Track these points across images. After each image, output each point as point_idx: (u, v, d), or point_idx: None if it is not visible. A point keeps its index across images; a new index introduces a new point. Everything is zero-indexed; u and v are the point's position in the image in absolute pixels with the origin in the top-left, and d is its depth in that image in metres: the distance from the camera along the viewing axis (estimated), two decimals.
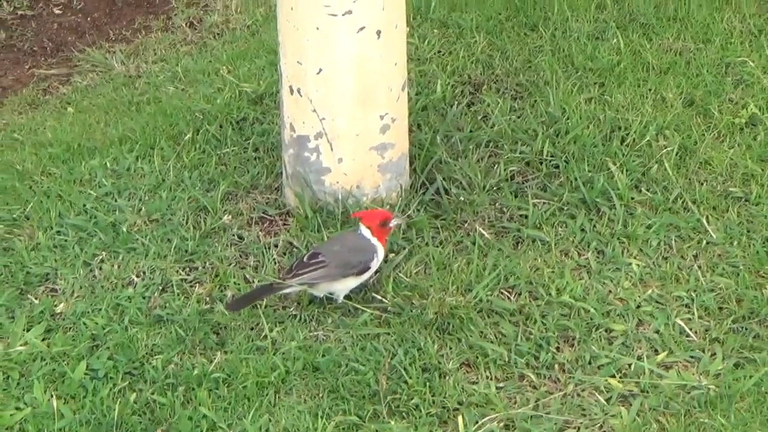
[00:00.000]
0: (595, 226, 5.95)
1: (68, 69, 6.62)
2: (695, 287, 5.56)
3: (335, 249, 5.63)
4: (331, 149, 5.52)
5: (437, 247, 5.90)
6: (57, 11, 7.16)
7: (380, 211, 5.70)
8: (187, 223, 5.82)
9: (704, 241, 5.92)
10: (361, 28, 5.44)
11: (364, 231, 5.62)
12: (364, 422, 5.18)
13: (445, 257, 5.81)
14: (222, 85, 6.50)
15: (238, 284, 5.82)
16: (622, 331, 5.49)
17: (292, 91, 5.59)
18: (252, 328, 5.68)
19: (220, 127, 6.10)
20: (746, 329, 5.36)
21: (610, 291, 5.55)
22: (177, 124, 6.19)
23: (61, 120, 6.44)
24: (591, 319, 5.61)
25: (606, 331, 5.50)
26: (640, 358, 5.33)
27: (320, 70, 5.49)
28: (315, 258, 5.57)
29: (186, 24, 7.01)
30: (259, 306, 5.73)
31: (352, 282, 5.59)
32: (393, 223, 5.69)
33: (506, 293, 5.61)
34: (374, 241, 5.61)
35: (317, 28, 5.57)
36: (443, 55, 6.24)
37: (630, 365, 5.36)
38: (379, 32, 5.46)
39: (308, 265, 5.56)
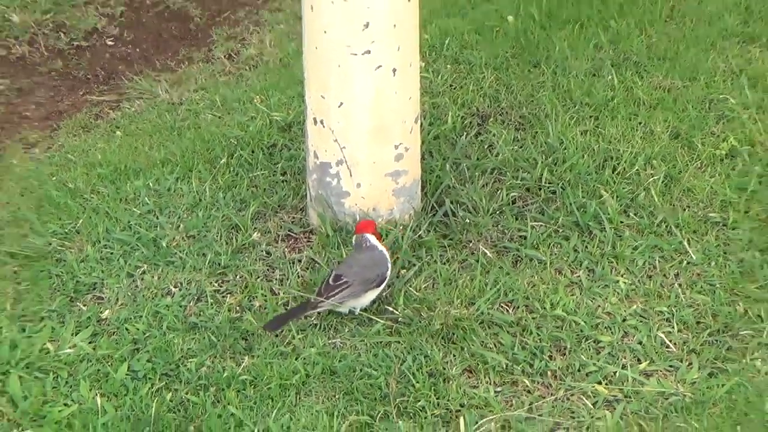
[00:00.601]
0: (586, 246, 5.99)
1: (118, 96, 6.70)
2: (675, 303, 5.62)
3: (355, 270, 5.65)
4: (351, 175, 5.60)
5: (444, 264, 5.95)
6: (109, 42, 7.24)
7: (369, 221, 5.90)
8: (220, 239, 5.90)
9: (685, 262, 5.97)
10: (379, 67, 5.50)
11: (372, 239, 5.76)
12: (375, 422, 5.24)
13: (451, 273, 5.86)
14: (255, 114, 6.57)
15: (265, 295, 5.88)
16: (608, 342, 5.53)
17: (315, 122, 5.65)
18: (276, 335, 5.69)
19: (252, 152, 6.16)
20: (720, 342, 5.43)
21: (599, 306, 5.61)
22: (213, 148, 6.25)
23: (110, 143, 6.52)
24: (581, 330, 5.68)
25: (594, 341, 5.58)
26: (624, 366, 5.38)
27: (341, 103, 5.56)
28: (339, 280, 5.61)
29: (225, 56, 7.08)
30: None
31: (373, 294, 5.69)
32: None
33: (505, 307, 5.70)
34: (381, 247, 5.75)
35: (339, 66, 5.61)
36: (454, 88, 6.31)
37: (615, 373, 5.41)
38: (394, 70, 5.52)
39: (335, 287, 5.62)
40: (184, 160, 6.23)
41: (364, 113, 5.67)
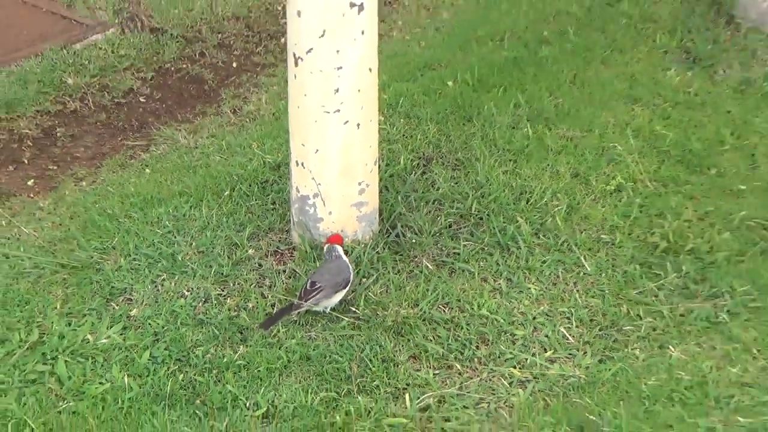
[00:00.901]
0: (506, 261, 6.03)
1: (148, 141, 6.67)
2: (574, 305, 5.70)
3: (326, 277, 5.69)
4: (324, 205, 5.64)
5: (396, 274, 6.02)
6: (142, 99, 7.21)
7: (338, 235, 5.97)
8: (223, 254, 5.98)
9: (582, 273, 5.99)
10: (346, 122, 5.50)
11: (340, 250, 5.85)
12: (341, 397, 5.24)
13: (401, 281, 5.95)
14: (252, 156, 6.57)
15: (257, 299, 5.93)
16: (522, 335, 5.64)
17: (297, 164, 5.66)
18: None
19: (249, 186, 6.15)
20: (608, 335, 5.53)
21: (515, 307, 5.68)
22: (220, 183, 6.23)
23: (140, 177, 6.49)
24: (501, 326, 5.74)
25: (511, 335, 5.67)
26: (534, 354, 5.46)
27: (317, 150, 5.53)
28: (314, 285, 5.65)
29: (230, 111, 7.03)
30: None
31: (340, 295, 5.75)
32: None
33: (442, 308, 5.78)
34: (345, 258, 5.82)
35: (315, 121, 5.61)
36: (406, 137, 6.29)
37: (527, 359, 5.47)
38: (358, 124, 5.52)
39: (312, 291, 5.69)
40: (197, 192, 6.23)
41: (335, 158, 5.70)
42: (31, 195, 6.23)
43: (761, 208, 5.64)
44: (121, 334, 5.41)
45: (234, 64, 7.15)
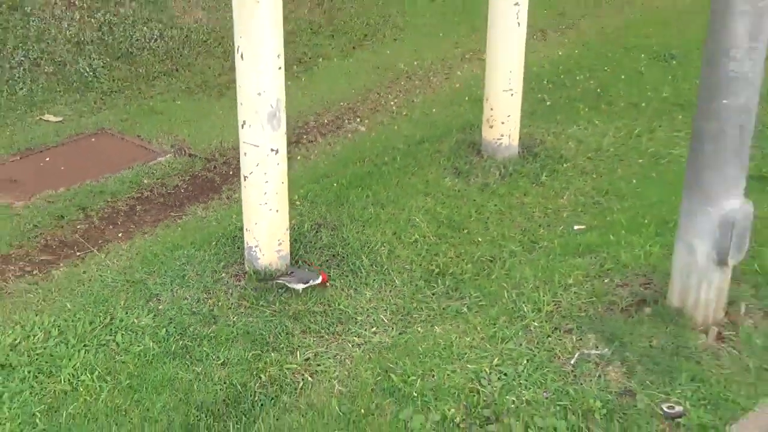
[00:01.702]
0: (355, 280, 6.06)
1: (182, 213, 6.65)
2: (389, 302, 5.84)
3: (299, 274, 5.72)
4: (260, 251, 5.88)
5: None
6: (182, 191, 7.21)
7: (324, 275, 5.69)
8: (209, 276, 6.04)
9: (394, 285, 6.06)
10: (271, 209, 5.79)
11: (321, 277, 5.66)
12: (263, 353, 5.28)
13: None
14: (230, 222, 6.74)
15: (225, 299, 5.76)
16: (360, 319, 5.73)
17: (247, 230, 5.93)
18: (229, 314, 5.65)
19: (226, 239, 6.47)
20: (405, 319, 5.72)
21: (358, 304, 5.91)
22: (212, 237, 6.48)
23: (174, 233, 6.49)
24: (350, 314, 5.73)
25: (355, 319, 5.76)
26: (366, 330, 5.52)
27: (256, 223, 5.59)
28: (291, 273, 5.68)
29: (226, 197, 7.02)
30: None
31: (302, 286, 5.64)
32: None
33: (320, 305, 5.83)
34: (318, 275, 5.67)
35: (255, 208, 5.85)
36: (309, 213, 6.33)
37: (363, 332, 5.52)
38: (278, 210, 5.67)
39: (287, 275, 5.71)
40: (200, 242, 6.49)
41: (265, 227, 5.84)
42: (119, 242, 6.05)
43: (489, 250, 5.57)
44: (153, 319, 5.27)
45: (231, 173, 7.00)
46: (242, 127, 5.47)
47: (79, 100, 9.11)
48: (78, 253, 6.71)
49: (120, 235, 7.02)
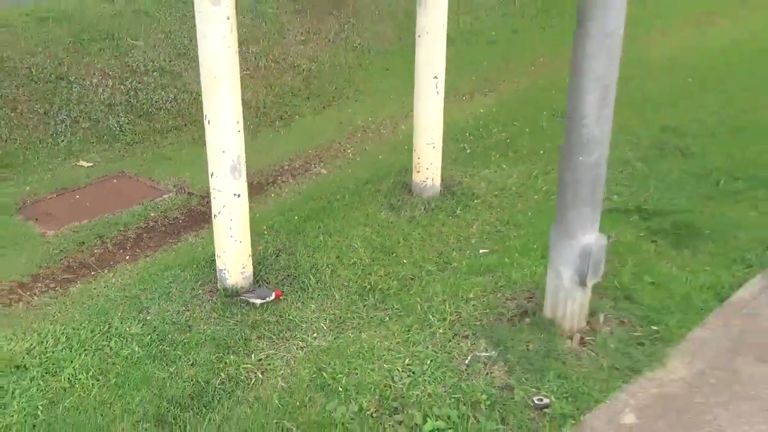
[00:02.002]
0: (304, 295, 5.92)
1: (178, 241, 6.50)
2: (329, 312, 5.66)
3: (259, 291, 5.55)
4: (228, 273, 5.68)
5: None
6: (180, 222, 6.96)
7: (279, 291, 5.54)
8: (189, 293, 5.87)
9: (333, 299, 5.87)
10: (236, 240, 5.55)
11: (276, 293, 5.50)
12: (224, 356, 5.10)
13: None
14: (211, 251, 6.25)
15: (199, 312, 5.55)
16: (305, 327, 5.50)
17: (218, 257, 5.70)
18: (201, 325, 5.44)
19: (205, 263, 6.21)
20: (341, 326, 5.49)
21: (304, 315, 5.66)
22: (193, 261, 6.30)
23: (169, 257, 6.46)
24: (297, 323, 5.56)
25: (300, 326, 5.54)
26: (309, 335, 5.37)
27: (225, 251, 5.40)
28: (252, 290, 5.54)
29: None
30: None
31: (260, 301, 5.48)
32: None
33: (272, 315, 5.63)
34: (273, 292, 5.49)
35: (224, 240, 5.64)
36: (274, 241, 6.05)
37: (306, 337, 5.37)
38: (241, 241, 5.62)
39: (249, 292, 5.55)
40: (186, 265, 6.34)
41: (232, 256, 5.68)
42: (126, 263, 5.92)
43: (411, 270, 5.63)
44: (141, 328, 5.17)
45: None
46: (211, 176, 5.31)
47: (108, 150, 8.95)
48: (93, 273, 6.54)
49: (127, 257, 6.84)
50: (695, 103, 8.41)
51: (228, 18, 4.76)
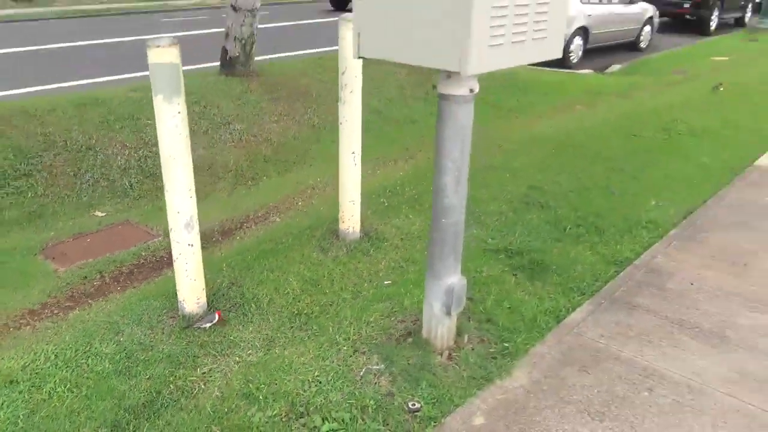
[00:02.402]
0: (244, 323, 5.32)
1: (160, 274, 6.07)
2: (263, 335, 5.27)
3: (208, 316, 5.15)
4: (185, 303, 5.31)
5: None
6: (164, 260, 6.44)
7: (219, 311, 5.19)
8: (156, 320, 5.43)
9: (267, 324, 5.45)
10: (191, 279, 4.89)
11: (217, 313, 5.15)
12: (177, 370, 4.68)
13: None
14: None
15: (161, 336, 5.12)
16: (243, 345, 5.08)
17: (177, 289, 4.91)
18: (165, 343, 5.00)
19: (175, 296, 5.42)
20: (270, 344, 5.15)
21: (244, 335, 5.25)
22: (165, 295, 5.64)
23: (149, 287, 5.79)
24: (237, 342, 5.12)
25: (240, 345, 5.10)
26: (245, 351, 4.96)
27: (180, 290, 4.85)
28: (202, 317, 5.13)
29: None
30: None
31: (209, 324, 5.08)
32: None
33: (221, 338, 5.00)
34: (215, 314, 5.12)
35: (182, 278, 4.91)
36: (223, 275, 5.58)
37: (242, 354, 4.91)
38: (195, 279, 5.03)
39: (200, 320, 5.11)
40: (157, 297, 5.77)
41: (188, 291, 5.27)
42: (117, 294, 5.91)
43: (331, 298, 5.62)
44: (114, 348, 4.84)
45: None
46: (170, 231, 4.96)
47: (119, 203, 8.55)
48: (90, 302, 6.10)
49: (119, 289, 6.43)
50: (556, 169, 8.29)
51: (179, 112, 4.49)
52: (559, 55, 3.10)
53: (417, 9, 2.73)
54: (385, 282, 6.21)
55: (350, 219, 6.90)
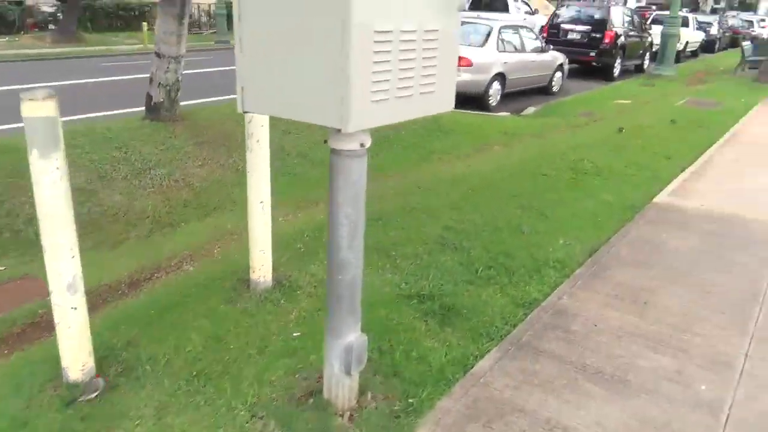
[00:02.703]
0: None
1: (51, 335, 5.22)
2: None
3: (94, 385, 4.51)
4: (71, 371, 4.31)
5: None
6: None
7: (98, 375, 4.56)
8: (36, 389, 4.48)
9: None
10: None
11: (97, 376, 4.51)
12: None
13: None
14: None
15: (40, 409, 4.47)
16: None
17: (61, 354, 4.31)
18: None
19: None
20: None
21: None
22: (56, 353, 4.80)
23: (40, 349, 5.12)
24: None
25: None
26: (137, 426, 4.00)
27: None
28: (86, 389, 4.41)
29: None
30: None
31: (96, 393, 4.45)
32: None
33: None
34: (101, 380, 4.51)
35: (65, 351, 4.29)
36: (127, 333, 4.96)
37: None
38: (79, 345, 4.20)
39: (84, 393, 4.44)
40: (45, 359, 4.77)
41: (72, 358, 4.26)
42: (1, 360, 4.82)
43: (235, 355, 5.09)
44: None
45: (100, 302, 5.72)
46: (51, 293, 4.35)
47: (22, 255, 7.74)
48: None
49: (6, 351, 5.67)
50: (471, 209, 8.13)
51: (58, 168, 3.99)
52: (451, 107, 2.87)
53: (296, 64, 2.45)
54: (294, 334, 5.75)
55: (261, 268, 6.43)
